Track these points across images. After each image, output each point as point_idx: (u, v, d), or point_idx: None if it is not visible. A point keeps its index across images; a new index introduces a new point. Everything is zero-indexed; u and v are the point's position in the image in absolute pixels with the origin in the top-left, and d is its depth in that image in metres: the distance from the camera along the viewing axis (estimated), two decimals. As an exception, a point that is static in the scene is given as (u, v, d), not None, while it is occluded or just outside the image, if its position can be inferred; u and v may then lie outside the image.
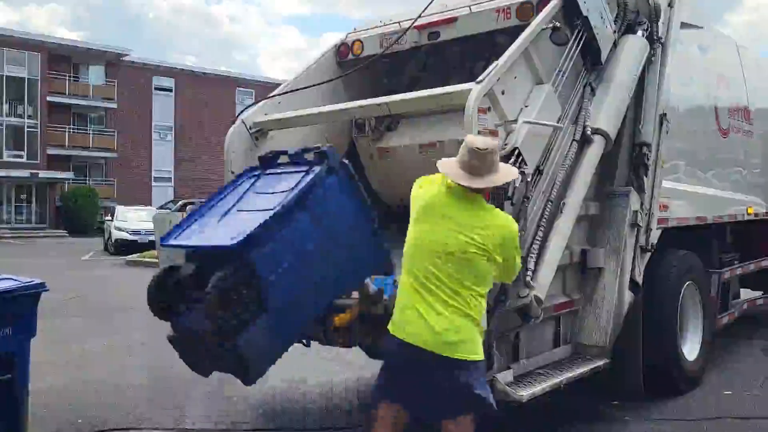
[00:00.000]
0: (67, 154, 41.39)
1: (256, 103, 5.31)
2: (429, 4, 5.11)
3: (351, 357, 5.91)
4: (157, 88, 45.80)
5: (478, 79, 3.87)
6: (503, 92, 4.03)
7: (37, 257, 21.95)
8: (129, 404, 5.45)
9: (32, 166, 39.76)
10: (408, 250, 3.05)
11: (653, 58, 5.22)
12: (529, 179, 3.91)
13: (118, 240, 23.96)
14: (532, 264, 3.83)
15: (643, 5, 5.27)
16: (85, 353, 7.45)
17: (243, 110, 5.19)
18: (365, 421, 3.97)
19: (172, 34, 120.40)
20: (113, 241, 24.31)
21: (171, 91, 46.34)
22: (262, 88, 39.20)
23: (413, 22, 5.19)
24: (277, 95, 5.31)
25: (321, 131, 5.36)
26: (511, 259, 3.06)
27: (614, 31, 4.95)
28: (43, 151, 40.46)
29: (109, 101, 42.97)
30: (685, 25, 5.76)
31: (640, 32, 5.15)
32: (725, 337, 6.96)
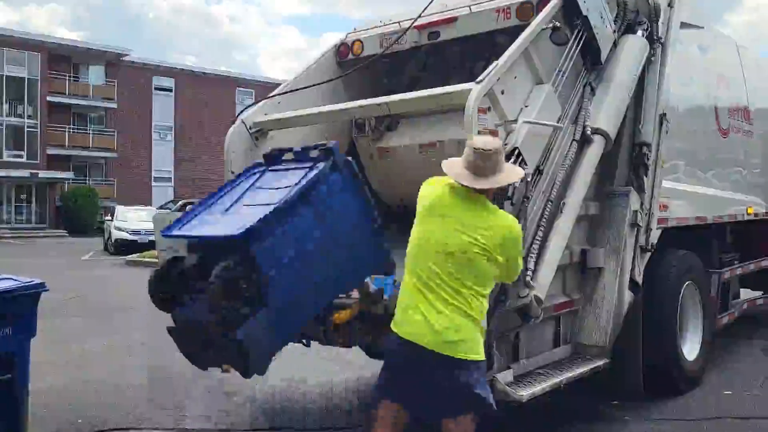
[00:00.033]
0: (67, 154, 41.41)
1: (256, 103, 5.31)
2: (429, 4, 5.11)
3: (351, 357, 5.91)
4: (157, 88, 45.81)
5: (478, 79, 3.87)
6: (503, 92, 4.03)
7: (37, 257, 21.96)
8: (129, 404, 5.45)
9: (32, 166, 39.77)
10: (411, 249, 3.06)
11: (653, 58, 5.22)
12: (529, 179, 3.92)
13: (118, 240, 23.98)
14: (532, 264, 3.83)
15: (643, 5, 5.27)
16: (85, 353, 7.45)
17: (243, 110, 5.20)
18: (365, 421, 3.98)
19: (172, 34, 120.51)
20: (113, 241, 24.33)
21: (171, 91, 46.35)
22: (262, 88, 39.21)
23: (413, 22, 5.19)
24: (277, 95, 5.31)
25: (321, 131, 5.36)
26: (512, 260, 3.06)
27: (614, 31, 4.95)
28: (43, 151, 40.47)
29: (109, 101, 42.98)
30: (684, 25, 5.76)
31: (639, 32, 5.15)
32: (725, 337, 6.96)
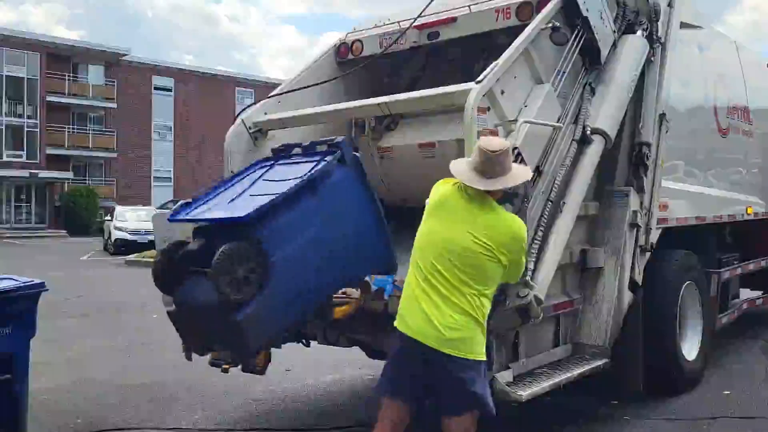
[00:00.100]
0: (66, 154, 41.39)
1: (255, 103, 5.32)
2: (429, 4, 5.11)
3: (351, 357, 5.91)
4: (157, 88, 45.78)
5: (477, 79, 3.87)
6: (503, 92, 4.03)
7: (36, 257, 21.97)
8: (129, 404, 5.45)
9: (32, 165, 39.74)
10: (416, 244, 3.09)
11: (653, 58, 5.22)
12: (529, 179, 3.91)
13: (117, 240, 23.99)
14: (531, 264, 3.83)
15: (643, 5, 5.27)
16: (85, 353, 7.45)
17: (243, 110, 5.21)
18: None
19: (171, 33, 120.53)
20: (113, 240, 24.34)
21: (170, 90, 46.33)
22: (261, 88, 39.26)
23: (413, 22, 5.20)
24: (276, 95, 5.32)
25: (321, 131, 5.36)
26: (516, 261, 3.08)
27: (614, 31, 4.95)
28: (43, 151, 40.43)
29: (109, 101, 42.94)
30: (684, 25, 5.76)
31: (639, 32, 5.15)
32: (725, 336, 6.96)
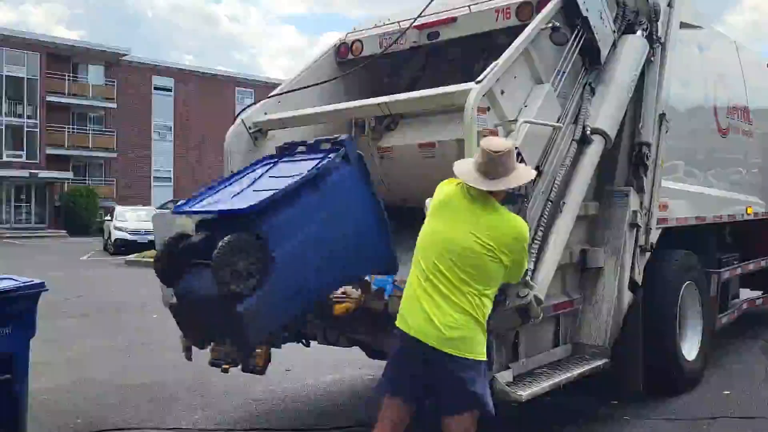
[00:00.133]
0: (66, 154, 41.37)
1: (255, 103, 5.32)
2: (429, 4, 5.11)
3: (351, 357, 5.91)
4: (157, 88, 45.77)
5: (477, 79, 3.87)
6: (503, 92, 4.03)
7: (36, 257, 21.97)
8: (129, 404, 5.45)
9: (31, 165, 39.73)
10: (419, 243, 3.10)
11: (653, 58, 5.21)
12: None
13: (117, 240, 23.99)
14: (531, 264, 3.82)
15: (643, 5, 5.27)
16: (85, 353, 7.45)
17: (243, 110, 5.21)
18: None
19: (171, 33, 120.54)
20: (113, 240, 24.34)
21: (170, 90, 46.32)
22: (261, 88, 39.25)
23: (413, 22, 5.20)
24: (276, 95, 5.32)
25: (321, 131, 5.35)
26: (517, 262, 3.09)
27: (614, 31, 4.95)
28: (43, 151, 40.41)
29: (109, 101, 42.93)
30: (684, 25, 5.76)
31: (639, 32, 5.15)
32: (725, 336, 6.96)
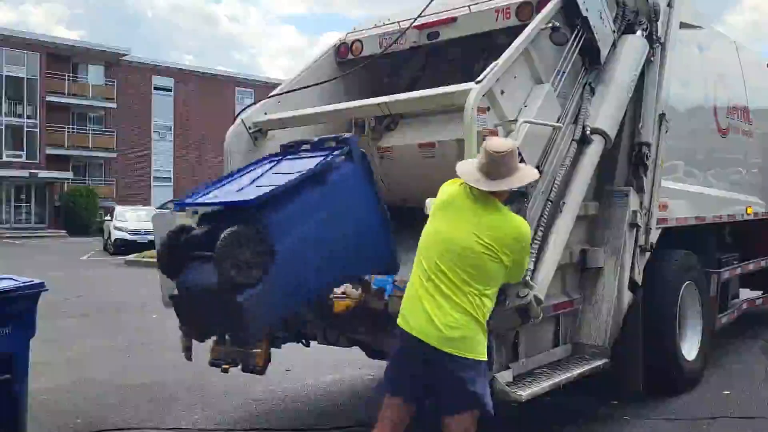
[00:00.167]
0: (66, 154, 41.38)
1: (255, 103, 5.32)
2: (428, 4, 5.11)
3: (351, 357, 5.91)
4: (157, 88, 45.78)
5: (477, 79, 3.87)
6: (502, 92, 4.03)
7: (36, 257, 21.98)
8: (129, 404, 5.45)
9: (31, 165, 39.73)
10: (421, 243, 3.11)
11: (652, 58, 5.21)
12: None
13: (117, 240, 24.01)
14: (531, 264, 3.82)
15: (643, 5, 5.27)
16: (85, 353, 7.45)
17: (243, 110, 5.21)
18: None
19: (171, 33, 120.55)
20: (112, 240, 24.36)
21: (170, 90, 46.32)
22: (261, 88, 39.24)
23: (413, 22, 5.20)
24: (276, 95, 5.32)
25: (321, 131, 5.36)
26: (518, 263, 3.09)
27: (614, 31, 4.95)
28: (42, 151, 40.41)
29: (109, 101, 42.93)
30: (684, 25, 5.76)
31: (639, 32, 5.14)
32: (725, 336, 6.97)
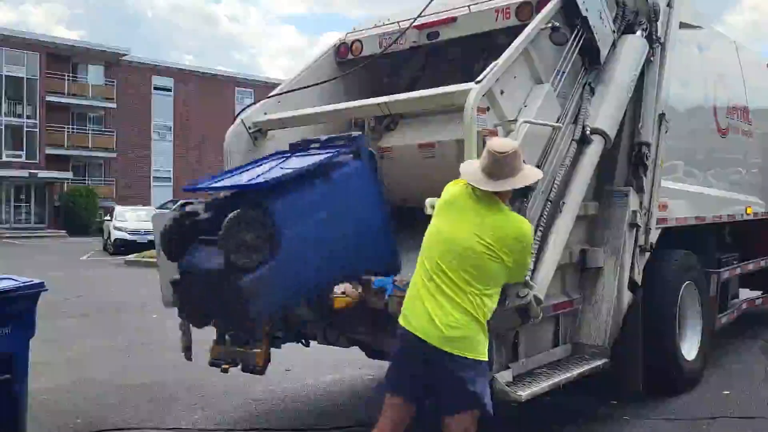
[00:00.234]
0: (66, 154, 41.36)
1: (255, 103, 5.32)
2: (428, 4, 5.11)
3: (351, 357, 5.91)
4: (157, 88, 45.77)
5: (477, 79, 3.87)
6: (502, 92, 4.03)
7: (36, 257, 21.97)
8: (129, 404, 5.45)
9: (31, 165, 39.71)
10: (424, 242, 3.11)
11: (652, 58, 5.21)
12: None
13: (117, 240, 23.98)
14: (531, 264, 3.83)
15: (642, 5, 5.27)
16: (85, 353, 7.45)
17: (242, 110, 5.21)
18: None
19: (171, 33, 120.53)
20: (112, 240, 24.33)
21: (170, 90, 46.32)
22: (261, 88, 39.23)
23: (412, 22, 5.20)
24: (276, 95, 5.32)
25: (320, 131, 5.36)
26: (519, 263, 3.09)
27: (613, 31, 4.95)
28: (42, 151, 40.39)
29: (109, 101, 42.92)
30: (684, 25, 5.76)
31: (639, 32, 5.15)
32: (725, 336, 6.97)
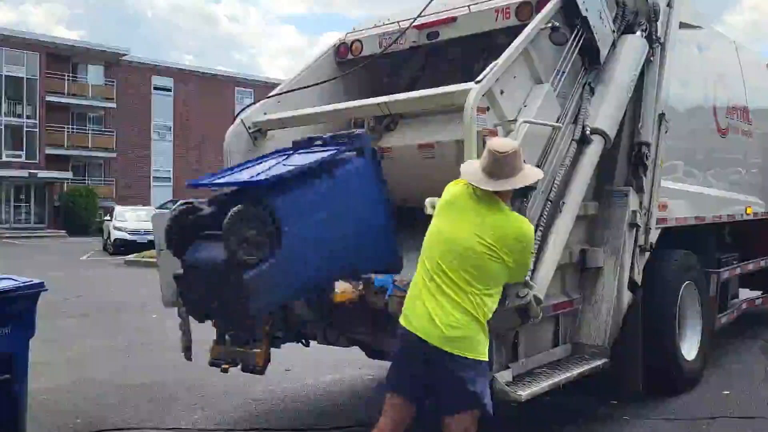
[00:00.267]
0: (66, 154, 41.37)
1: (255, 102, 5.32)
2: (428, 4, 5.11)
3: (351, 357, 5.91)
4: (157, 88, 45.78)
5: (477, 79, 3.88)
6: (502, 92, 4.03)
7: (36, 257, 21.97)
8: (129, 404, 5.45)
9: (31, 165, 39.72)
10: (425, 242, 3.12)
11: (652, 58, 5.21)
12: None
13: (117, 240, 23.98)
14: (531, 264, 3.83)
15: (642, 5, 5.27)
16: (85, 353, 7.45)
17: (242, 110, 5.21)
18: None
19: (171, 33, 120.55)
20: (112, 240, 24.32)
21: (170, 90, 46.32)
22: (261, 88, 39.22)
23: (413, 22, 5.20)
24: (276, 95, 5.32)
25: (320, 131, 5.35)
26: (519, 263, 3.09)
27: (613, 31, 4.95)
28: (42, 150, 40.39)
29: (108, 101, 42.92)
30: (684, 25, 5.76)
31: (639, 32, 5.15)
32: (724, 336, 6.97)
